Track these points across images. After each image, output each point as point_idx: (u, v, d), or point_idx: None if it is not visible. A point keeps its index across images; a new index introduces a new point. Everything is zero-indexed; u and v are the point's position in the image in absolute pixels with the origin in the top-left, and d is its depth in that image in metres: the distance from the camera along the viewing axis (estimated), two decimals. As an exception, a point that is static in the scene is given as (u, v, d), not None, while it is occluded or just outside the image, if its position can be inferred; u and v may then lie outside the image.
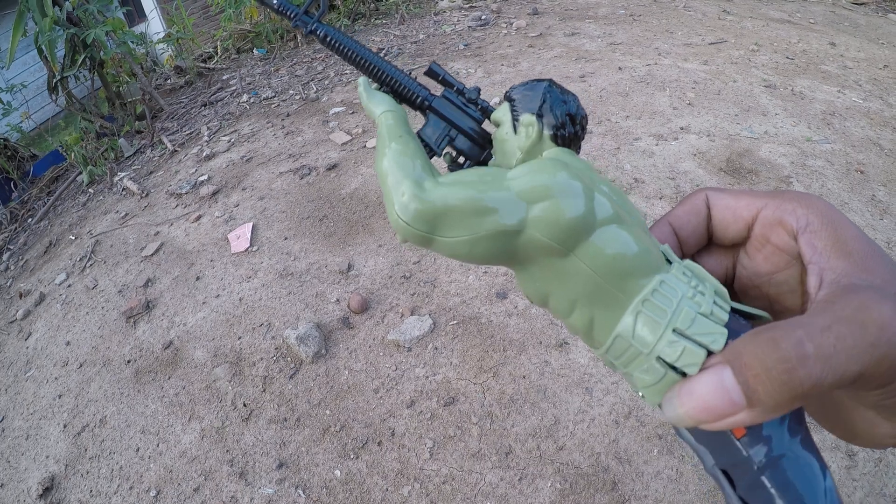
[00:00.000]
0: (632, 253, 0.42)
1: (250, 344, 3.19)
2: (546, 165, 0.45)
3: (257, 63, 8.14)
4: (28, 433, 3.16)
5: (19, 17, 6.38)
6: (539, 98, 0.54)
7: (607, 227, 0.43)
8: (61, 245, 4.87)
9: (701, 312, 0.40)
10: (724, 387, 0.34)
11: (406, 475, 2.44)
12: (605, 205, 0.43)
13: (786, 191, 0.46)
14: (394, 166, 0.48)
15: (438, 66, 0.62)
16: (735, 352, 0.35)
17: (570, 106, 0.54)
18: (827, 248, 0.40)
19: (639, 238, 0.43)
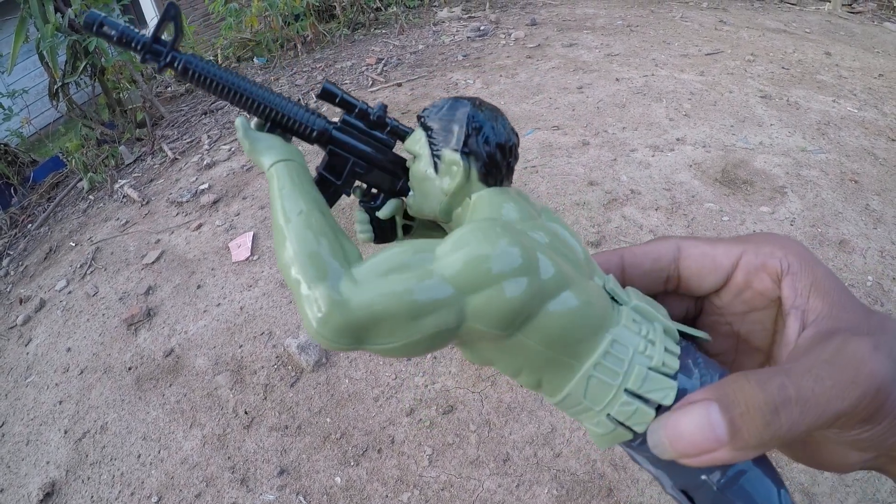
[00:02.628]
0: (580, 320, 0.40)
1: (251, 352, 3.23)
2: (479, 236, 0.39)
3: (257, 72, 8.18)
4: (29, 439, 3.18)
5: (21, 22, 6.41)
6: (462, 129, 0.45)
7: (553, 299, 0.39)
8: (61, 251, 4.89)
9: (652, 367, 0.40)
10: (710, 423, 0.35)
11: (405, 482, 2.47)
12: (548, 270, 0.39)
13: (758, 234, 0.48)
14: (299, 261, 0.41)
15: (333, 84, 0.54)
16: (723, 391, 0.36)
17: (499, 134, 0.45)
18: (806, 289, 0.42)
19: (584, 294, 0.41)
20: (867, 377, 0.34)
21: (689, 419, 0.36)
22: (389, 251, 0.40)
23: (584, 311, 0.40)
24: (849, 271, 3.28)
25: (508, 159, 0.45)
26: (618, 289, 0.44)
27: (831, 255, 3.40)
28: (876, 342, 0.36)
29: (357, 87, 6.73)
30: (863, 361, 0.35)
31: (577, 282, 0.40)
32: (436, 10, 9.35)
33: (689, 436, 0.36)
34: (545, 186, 4.04)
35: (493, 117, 0.46)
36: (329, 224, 0.43)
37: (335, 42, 8.67)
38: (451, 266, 0.38)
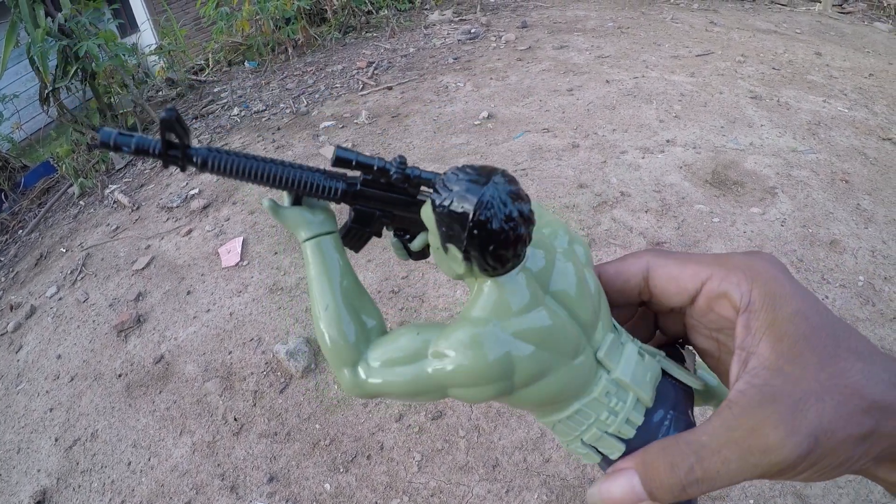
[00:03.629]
0: (552, 396, 0.47)
1: (241, 358, 3.22)
2: (468, 349, 0.45)
3: (248, 76, 8.16)
4: (19, 447, 3.17)
5: (11, 27, 6.39)
6: (465, 231, 0.43)
7: (528, 387, 0.46)
8: (52, 257, 4.87)
9: (609, 432, 0.48)
10: (634, 491, 0.43)
11: (395, 488, 2.47)
12: (524, 370, 0.45)
13: (733, 255, 0.49)
14: (328, 351, 0.51)
15: (344, 149, 0.53)
16: (645, 463, 0.44)
17: (503, 230, 0.43)
18: (760, 330, 0.44)
19: (561, 378, 0.46)
20: (769, 465, 0.39)
21: (617, 487, 0.44)
22: (399, 341, 0.49)
23: (556, 391, 0.46)
24: (840, 271, 3.29)
25: (514, 249, 0.43)
26: (611, 353, 0.48)
27: (822, 255, 3.41)
28: (795, 425, 0.39)
29: (348, 90, 6.73)
30: (770, 450, 0.39)
31: (557, 369, 0.46)
32: (427, 14, 9.35)
33: (616, 497, 0.44)
34: (535, 189, 4.04)
35: (501, 207, 0.42)
36: (350, 311, 0.52)
37: (326, 45, 8.67)
38: (442, 369, 0.46)
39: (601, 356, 0.48)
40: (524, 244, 0.44)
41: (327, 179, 0.54)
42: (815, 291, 3.16)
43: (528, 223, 0.43)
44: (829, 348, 0.42)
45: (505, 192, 0.43)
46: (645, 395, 0.48)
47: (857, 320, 2.99)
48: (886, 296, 3.14)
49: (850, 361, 0.41)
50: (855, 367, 0.41)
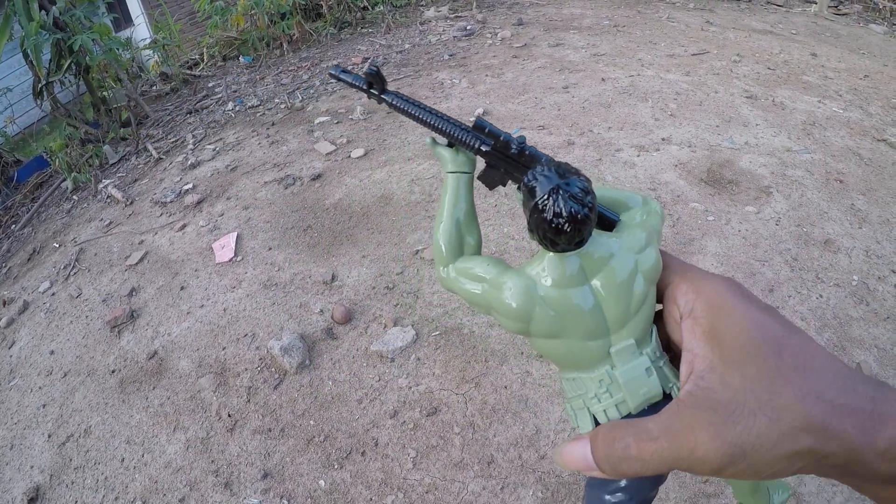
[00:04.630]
0: (559, 358, 0.56)
1: (235, 354, 3.21)
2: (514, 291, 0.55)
3: (243, 71, 8.15)
4: (12, 443, 3.16)
5: (5, 20, 6.36)
6: (529, 212, 0.53)
7: (542, 338, 0.55)
8: (45, 252, 4.86)
9: (589, 409, 0.55)
10: (584, 457, 0.49)
11: (390, 485, 2.47)
12: (540, 326, 0.54)
13: (693, 268, 0.55)
14: (434, 250, 0.65)
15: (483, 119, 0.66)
16: (596, 434, 0.49)
17: (555, 218, 0.50)
18: (703, 336, 0.48)
19: (568, 348, 0.55)
20: (694, 461, 0.43)
21: (574, 450, 0.50)
22: (477, 264, 0.61)
23: (561, 355, 0.55)
24: (834, 271, 3.30)
25: (563, 234, 0.51)
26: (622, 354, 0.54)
27: (816, 254, 3.41)
28: (718, 432, 0.43)
29: (343, 86, 6.71)
30: (696, 449, 0.43)
31: (567, 339, 0.54)
32: (422, 10, 9.36)
33: (573, 460, 0.50)
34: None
35: (556, 204, 0.51)
36: (457, 229, 0.65)
37: (321, 41, 8.66)
38: (488, 295, 0.58)
39: (612, 351, 0.54)
40: (572, 236, 0.51)
41: (472, 138, 0.66)
42: (810, 291, 3.17)
43: (576, 223, 0.50)
44: (770, 362, 0.44)
45: (566, 193, 0.50)
46: (631, 401, 0.53)
47: (852, 319, 3.00)
48: (880, 295, 3.15)
49: (791, 379, 0.43)
50: (796, 385, 0.43)
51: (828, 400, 0.42)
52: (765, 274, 3.27)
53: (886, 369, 2.75)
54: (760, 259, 3.38)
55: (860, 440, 0.40)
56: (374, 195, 4.33)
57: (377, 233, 3.92)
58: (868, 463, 0.41)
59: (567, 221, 0.50)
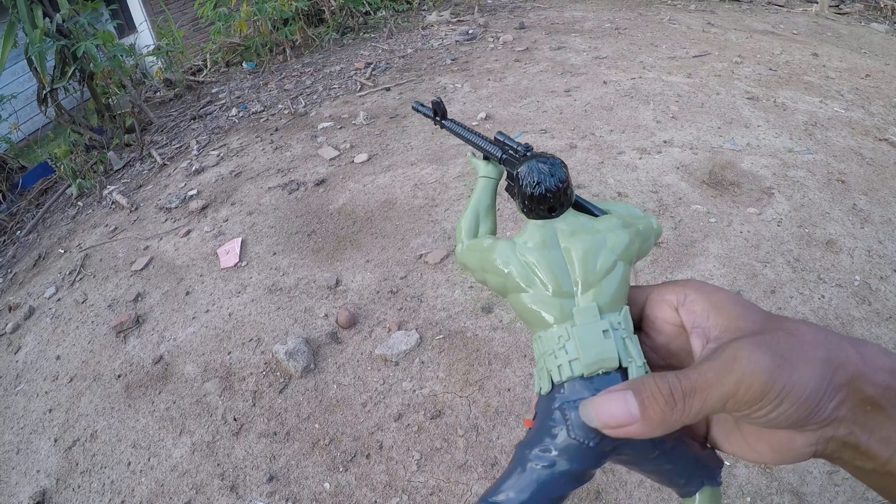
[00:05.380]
0: (527, 313, 0.58)
1: (240, 359, 3.23)
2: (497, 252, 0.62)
3: (246, 77, 8.17)
4: (18, 447, 3.17)
5: (10, 27, 6.39)
6: (515, 183, 0.64)
7: (514, 293, 0.60)
8: (50, 258, 4.88)
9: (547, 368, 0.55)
10: (626, 403, 0.45)
11: (394, 487, 2.48)
12: (512, 280, 0.60)
13: (668, 281, 0.58)
14: (458, 228, 0.72)
15: (502, 133, 0.76)
16: (636, 382, 0.47)
17: (532, 186, 0.61)
18: (705, 311, 0.51)
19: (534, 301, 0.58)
20: (741, 367, 0.42)
21: (611, 400, 0.47)
22: (483, 240, 0.67)
23: (529, 307, 0.58)
24: (836, 271, 3.30)
25: (536, 200, 0.61)
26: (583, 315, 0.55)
27: (819, 255, 3.42)
28: (758, 341, 0.44)
29: (346, 91, 6.74)
30: (737, 356, 0.43)
31: (534, 290, 0.58)
32: (424, 14, 9.38)
33: (611, 411, 0.46)
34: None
35: (535, 177, 0.62)
36: (475, 217, 0.72)
37: (324, 46, 8.69)
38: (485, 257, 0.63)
39: (574, 311, 0.56)
40: (544, 202, 0.61)
41: (494, 148, 0.76)
42: (812, 292, 3.18)
43: (547, 190, 0.61)
44: (768, 315, 0.48)
45: (544, 170, 0.61)
46: (583, 359, 0.53)
47: (854, 319, 3.00)
48: (882, 295, 3.15)
49: (792, 322, 0.47)
50: (796, 324, 0.46)
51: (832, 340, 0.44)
52: (767, 275, 3.28)
53: (889, 369, 2.75)
54: (762, 260, 3.38)
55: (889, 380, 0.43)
56: (377, 200, 4.34)
57: (381, 237, 3.94)
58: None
59: (538, 187, 0.61)
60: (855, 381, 0.42)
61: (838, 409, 0.43)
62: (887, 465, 0.43)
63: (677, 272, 3.33)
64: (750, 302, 0.50)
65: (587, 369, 0.52)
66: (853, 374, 0.42)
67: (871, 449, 0.43)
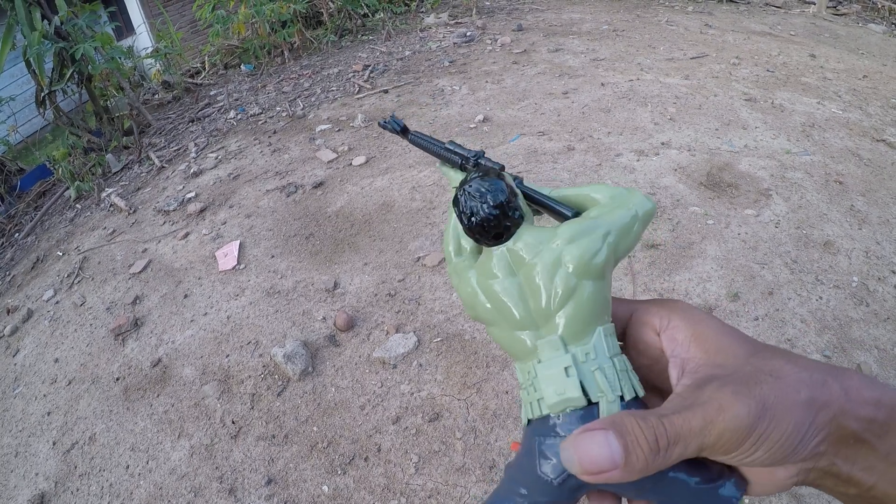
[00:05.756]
0: (504, 345, 0.55)
1: (238, 362, 3.23)
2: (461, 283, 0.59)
3: (244, 79, 8.18)
4: (17, 450, 3.17)
5: (8, 30, 6.40)
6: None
7: (488, 327, 0.56)
8: (49, 261, 4.88)
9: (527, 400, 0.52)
10: (608, 446, 0.42)
11: (392, 490, 2.48)
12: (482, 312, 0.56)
13: (654, 299, 0.55)
14: (445, 244, 0.64)
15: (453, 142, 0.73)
16: (617, 422, 0.43)
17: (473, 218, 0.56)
18: (686, 340, 0.49)
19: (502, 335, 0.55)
20: (724, 420, 0.41)
21: (591, 443, 0.43)
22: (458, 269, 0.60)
23: (503, 343, 0.55)
24: (834, 272, 3.31)
25: (472, 231, 0.55)
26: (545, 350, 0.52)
27: (816, 256, 3.42)
28: (740, 391, 0.42)
29: (344, 93, 6.75)
30: (721, 407, 0.42)
31: (501, 327, 0.55)
32: (423, 16, 9.39)
33: (592, 455, 0.42)
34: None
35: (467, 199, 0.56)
36: (457, 235, 0.63)
37: (322, 48, 8.69)
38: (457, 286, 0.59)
39: (537, 344, 0.52)
40: (490, 234, 0.55)
41: (456, 158, 0.71)
42: (810, 293, 3.18)
43: (485, 223, 0.55)
44: (751, 349, 0.47)
45: (478, 197, 0.55)
46: (546, 399, 0.51)
47: (852, 321, 3.01)
48: (880, 296, 3.15)
49: (776, 359, 0.45)
50: (780, 363, 0.45)
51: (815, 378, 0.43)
52: (764, 277, 3.28)
53: (887, 370, 2.76)
54: (760, 262, 3.39)
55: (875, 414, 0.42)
56: (375, 203, 4.35)
57: (379, 240, 3.94)
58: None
59: (473, 217, 0.55)
60: (838, 418, 0.42)
61: (818, 446, 0.42)
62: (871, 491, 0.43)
63: (675, 274, 3.33)
64: (736, 331, 0.49)
65: (552, 410, 0.50)
66: (836, 412, 0.42)
67: (853, 477, 0.43)
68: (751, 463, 0.43)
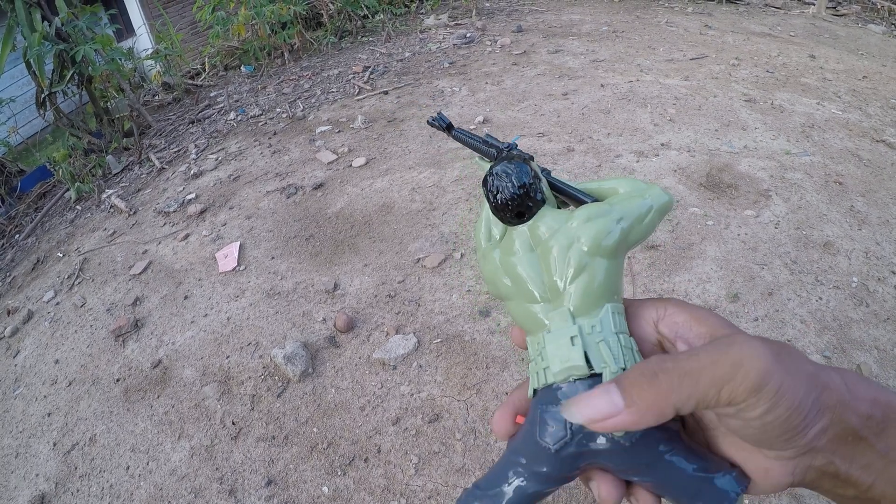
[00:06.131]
0: (519, 319, 0.57)
1: (238, 363, 3.23)
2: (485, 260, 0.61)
3: (244, 80, 8.18)
4: (17, 451, 3.17)
5: (8, 31, 6.41)
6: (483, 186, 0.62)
7: (506, 301, 0.58)
8: (49, 262, 4.88)
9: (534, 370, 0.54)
10: (609, 394, 0.43)
11: (392, 491, 2.48)
12: (501, 287, 0.58)
13: (648, 298, 0.56)
14: (476, 234, 0.66)
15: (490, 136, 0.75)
16: (619, 377, 0.45)
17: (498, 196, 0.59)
18: (686, 322, 0.50)
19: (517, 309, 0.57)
20: (738, 351, 0.41)
21: (593, 395, 0.44)
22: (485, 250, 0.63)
23: (518, 316, 0.57)
24: (834, 273, 3.31)
25: (505, 212, 0.58)
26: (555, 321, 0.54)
27: (816, 257, 3.42)
28: (751, 336, 0.43)
29: (344, 95, 6.75)
30: (734, 341, 0.42)
31: (518, 301, 0.57)
32: (422, 18, 9.40)
33: (593, 404, 0.43)
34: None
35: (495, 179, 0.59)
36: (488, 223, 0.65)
37: (322, 50, 8.69)
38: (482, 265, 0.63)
39: (549, 316, 0.54)
40: (513, 212, 0.58)
41: (492, 150, 0.73)
42: (809, 294, 3.18)
43: (510, 202, 0.58)
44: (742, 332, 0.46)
45: (504, 177, 0.58)
46: (552, 367, 0.52)
47: (852, 321, 3.01)
48: (880, 297, 3.16)
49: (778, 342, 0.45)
50: (784, 344, 0.44)
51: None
52: (764, 277, 3.28)
53: (886, 370, 2.76)
54: (760, 263, 3.39)
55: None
56: (375, 204, 4.35)
57: (379, 241, 3.94)
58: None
59: (499, 195, 0.58)
60: (839, 410, 0.42)
61: (819, 437, 0.42)
62: (869, 492, 0.43)
63: (675, 275, 3.34)
64: (728, 322, 0.49)
65: (556, 377, 0.51)
66: (838, 401, 0.42)
67: (851, 476, 0.43)
68: (769, 424, 0.41)
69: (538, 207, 0.58)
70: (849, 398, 0.42)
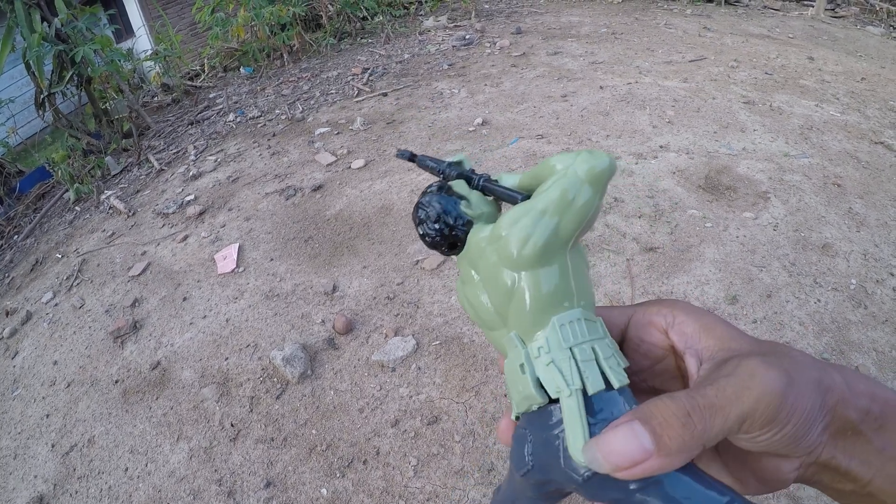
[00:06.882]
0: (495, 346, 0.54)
1: (237, 365, 3.23)
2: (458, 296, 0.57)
3: (244, 82, 8.19)
4: (16, 453, 3.17)
5: (8, 32, 6.42)
6: None
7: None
8: (48, 263, 4.88)
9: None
10: (635, 435, 0.39)
11: (391, 493, 2.48)
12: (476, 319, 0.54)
13: (652, 300, 0.54)
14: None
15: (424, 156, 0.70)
16: (641, 410, 0.41)
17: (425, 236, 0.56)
18: (696, 333, 0.48)
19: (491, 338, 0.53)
20: (759, 384, 0.40)
21: (617, 436, 0.40)
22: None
23: (493, 344, 0.53)
24: (832, 275, 3.31)
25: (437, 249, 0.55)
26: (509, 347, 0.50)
27: (814, 258, 3.43)
28: (767, 361, 0.41)
29: (343, 96, 6.75)
30: (754, 373, 0.40)
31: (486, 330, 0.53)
32: (422, 20, 9.41)
33: (620, 449, 0.40)
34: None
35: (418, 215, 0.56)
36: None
37: (321, 51, 8.70)
38: None
39: (505, 343, 0.52)
40: (444, 247, 0.55)
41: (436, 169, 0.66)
42: (808, 296, 3.19)
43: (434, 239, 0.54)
44: (756, 340, 0.46)
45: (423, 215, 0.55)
46: (513, 401, 0.50)
47: (850, 323, 3.01)
48: (878, 298, 3.16)
49: (780, 346, 0.45)
50: (786, 349, 0.45)
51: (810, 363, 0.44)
52: (763, 279, 3.29)
53: (885, 372, 2.76)
54: (758, 265, 3.39)
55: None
56: (374, 206, 4.35)
57: (378, 243, 3.95)
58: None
59: (423, 239, 0.55)
60: (839, 406, 0.42)
61: (822, 434, 0.42)
62: (867, 487, 0.43)
63: (673, 277, 3.34)
64: (736, 327, 0.48)
65: (518, 409, 0.49)
66: (838, 399, 0.42)
67: (851, 471, 0.43)
68: (777, 442, 0.41)
69: (468, 231, 0.53)
70: (848, 394, 0.42)
